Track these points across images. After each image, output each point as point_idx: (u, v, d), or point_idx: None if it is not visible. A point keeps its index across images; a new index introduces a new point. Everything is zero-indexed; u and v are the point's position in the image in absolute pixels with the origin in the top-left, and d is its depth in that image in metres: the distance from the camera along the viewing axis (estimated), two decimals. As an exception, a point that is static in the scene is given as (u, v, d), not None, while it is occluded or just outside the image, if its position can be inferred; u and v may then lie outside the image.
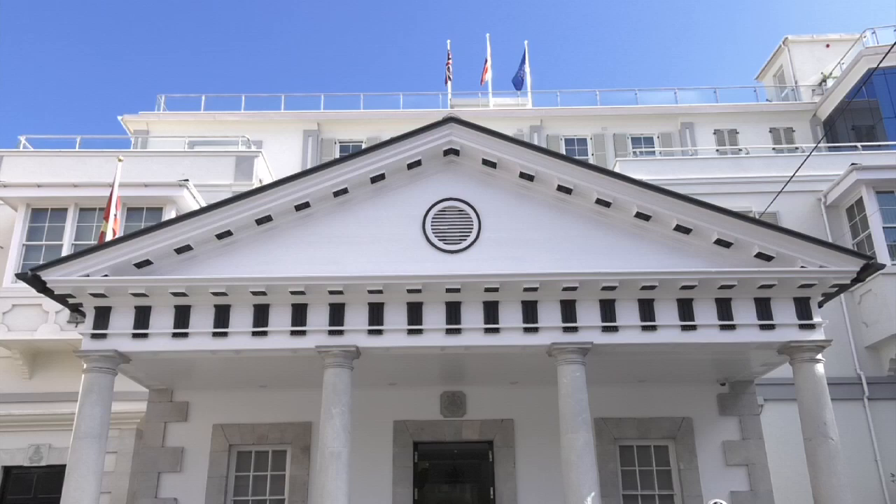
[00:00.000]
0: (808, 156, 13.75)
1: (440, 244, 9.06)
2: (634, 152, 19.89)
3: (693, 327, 8.68)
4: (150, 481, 10.33)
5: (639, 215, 8.98)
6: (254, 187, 11.14)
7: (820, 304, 8.92)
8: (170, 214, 12.80)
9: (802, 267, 8.63)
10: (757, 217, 12.08)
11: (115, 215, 10.97)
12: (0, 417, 11.99)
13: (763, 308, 8.73)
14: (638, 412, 10.74)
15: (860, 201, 14.03)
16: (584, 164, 9.30)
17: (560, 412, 8.46)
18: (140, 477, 10.54)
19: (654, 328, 8.67)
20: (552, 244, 9.01)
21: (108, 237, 10.51)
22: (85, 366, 8.58)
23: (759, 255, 8.79)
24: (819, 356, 8.65)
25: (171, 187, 13.17)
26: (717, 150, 20.89)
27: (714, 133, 21.90)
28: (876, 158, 15.12)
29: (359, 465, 9.04)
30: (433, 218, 9.17)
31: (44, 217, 13.13)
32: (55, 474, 11.41)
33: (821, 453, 8.27)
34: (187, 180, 13.34)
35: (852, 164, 14.11)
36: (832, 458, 8.23)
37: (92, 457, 8.19)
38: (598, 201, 9.03)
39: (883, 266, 8.99)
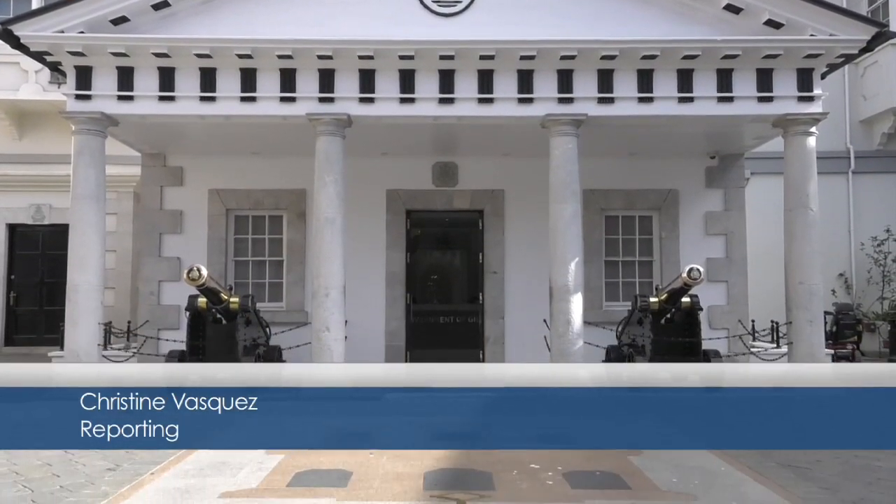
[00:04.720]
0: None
1: (434, 6, 8.58)
2: None
3: (690, 99, 8.57)
4: (153, 241, 10.74)
5: (647, -23, 8.42)
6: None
7: (823, 76, 8.75)
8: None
9: (812, 35, 8.30)
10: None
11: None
12: (-4, 176, 12.23)
13: (764, 80, 8.56)
14: (626, 184, 10.91)
15: (886, -37, 13.10)
16: (594, -85, 8.50)
17: (550, 183, 8.62)
18: (142, 237, 10.96)
19: (650, 100, 8.56)
20: (553, 8, 8.54)
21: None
22: (73, 128, 8.61)
23: (769, 23, 8.40)
24: (813, 129, 8.66)
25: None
26: None
27: None
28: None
29: (353, 230, 9.35)
30: (427, -25, 8.57)
31: (5, -34, 12.24)
32: (60, 233, 11.79)
33: (798, 222, 8.62)
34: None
35: (885, -80, 12.95)
36: (808, 227, 8.60)
37: (92, 216, 8.49)
38: (606, -40, 8.41)
39: (895, 35, 8.66)
